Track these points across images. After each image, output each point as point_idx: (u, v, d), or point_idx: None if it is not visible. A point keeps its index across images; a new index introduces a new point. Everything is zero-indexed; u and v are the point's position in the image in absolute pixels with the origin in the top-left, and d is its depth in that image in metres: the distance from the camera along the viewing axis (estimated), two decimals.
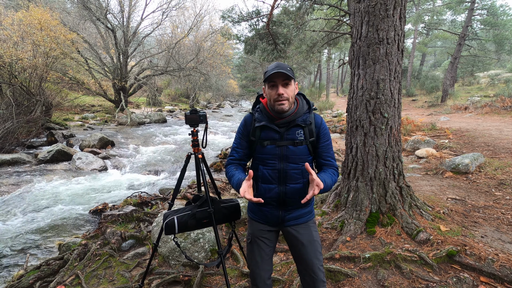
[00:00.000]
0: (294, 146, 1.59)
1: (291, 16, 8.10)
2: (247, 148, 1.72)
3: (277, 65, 1.51)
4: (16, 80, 10.68)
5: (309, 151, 1.64)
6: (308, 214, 1.73)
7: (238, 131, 1.75)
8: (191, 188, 5.26)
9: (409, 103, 20.11)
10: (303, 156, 1.61)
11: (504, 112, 11.41)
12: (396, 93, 3.14)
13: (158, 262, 2.96)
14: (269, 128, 1.61)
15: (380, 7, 2.93)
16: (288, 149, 1.59)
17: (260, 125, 1.62)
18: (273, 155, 1.61)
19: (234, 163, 1.74)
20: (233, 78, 40.07)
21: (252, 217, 1.80)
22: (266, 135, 1.62)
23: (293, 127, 1.60)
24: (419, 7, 20.61)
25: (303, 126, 1.60)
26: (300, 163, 1.60)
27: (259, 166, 1.66)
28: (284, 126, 1.60)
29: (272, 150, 1.60)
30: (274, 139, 1.60)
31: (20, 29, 11.41)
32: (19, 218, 4.84)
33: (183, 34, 21.19)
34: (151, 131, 13.43)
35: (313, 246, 1.68)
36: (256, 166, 1.68)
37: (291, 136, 1.60)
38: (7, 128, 8.73)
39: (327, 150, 1.68)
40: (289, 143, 1.59)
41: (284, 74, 1.49)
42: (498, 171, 4.80)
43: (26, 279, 2.78)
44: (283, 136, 1.60)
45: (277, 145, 1.59)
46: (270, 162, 1.62)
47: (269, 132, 1.61)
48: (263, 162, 1.64)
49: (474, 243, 2.72)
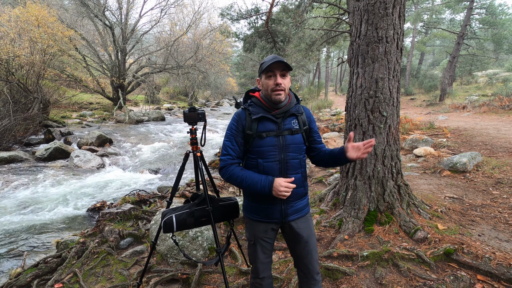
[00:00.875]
0: (292, 135, 1.64)
1: (290, 14, 8.06)
2: (243, 144, 1.65)
3: (275, 57, 1.55)
4: (13, 77, 10.60)
5: (303, 139, 1.70)
6: (306, 207, 1.77)
7: (230, 128, 1.66)
8: (189, 186, 5.25)
9: (407, 102, 20.16)
10: (300, 144, 1.67)
11: (502, 111, 11.46)
12: (395, 91, 3.14)
13: (156, 260, 2.96)
14: (267, 118, 1.61)
15: (380, 6, 2.92)
16: (286, 139, 1.62)
17: (257, 117, 1.60)
18: (273, 146, 1.61)
19: (235, 163, 1.65)
20: (232, 76, 40.01)
21: (252, 218, 1.74)
22: (263, 127, 1.61)
23: (289, 117, 1.65)
24: (418, 6, 20.62)
25: (297, 115, 1.67)
26: (298, 151, 1.66)
27: (258, 160, 1.61)
28: (281, 116, 1.63)
29: (271, 141, 1.61)
30: (272, 130, 1.62)
31: (17, 26, 11.32)
32: (16, 216, 4.82)
33: (181, 32, 21.10)
34: (149, 129, 13.39)
35: (312, 240, 1.74)
36: (255, 162, 1.63)
37: (288, 125, 1.64)
38: (4, 126, 8.67)
39: (318, 136, 1.79)
40: (287, 132, 1.63)
41: (282, 63, 1.53)
42: (496, 170, 4.82)
43: (23, 277, 2.77)
44: (281, 126, 1.62)
45: (277, 134, 1.61)
46: (271, 154, 1.61)
47: (266, 123, 1.62)
48: (263, 155, 1.61)
49: (472, 242, 2.74)
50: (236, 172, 1.61)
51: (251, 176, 1.58)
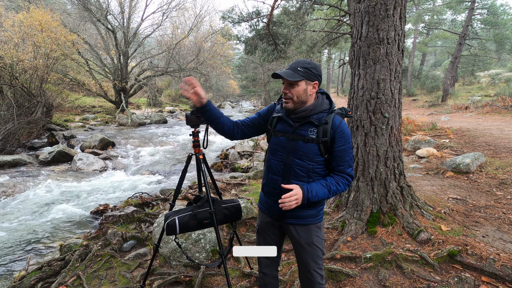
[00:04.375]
0: (304, 142, 1.58)
1: (291, 17, 8.10)
2: (256, 126, 1.80)
3: (289, 65, 1.56)
4: (17, 81, 10.70)
5: (320, 151, 1.58)
6: (312, 217, 1.68)
7: (259, 111, 1.82)
8: (192, 189, 5.26)
9: (409, 103, 20.10)
10: (311, 154, 1.58)
11: (505, 111, 11.39)
12: (397, 93, 3.14)
13: (159, 263, 2.97)
14: (284, 120, 1.65)
15: (380, 7, 2.93)
16: (297, 144, 1.59)
17: (277, 116, 1.68)
18: (282, 147, 1.64)
19: (237, 123, 1.80)
20: (234, 79, 40.08)
21: (260, 208, 1.86)
22: (281, 127, 1.67)
23: (306, 124, 1.59)
24: (419, 7, 20.59)
25: (317, 125, 1.57)
26: (306, 161, 1.58)
27: (269, 155, 1.73)
28: (298, 121, 1.61)
29: (283, 142, 1.64)
30: (287, 132, 1.63)
31: (20, 31, 11.43)
32: (20, 219, 4.85)
33: (183, 35, 21.20)
34: (151, 132, 13.44)
35: (312, 248, 1.68)
36: (268, 156, 1.75)
37: (303, 132, 1.59)
38: (8, 129, 8.74)
39: (342, 155, 1.58)
40: (299, 138, 1.59)
41: (281, 77, 1.51)
42: (499, 171, 4.79)
43: (27, 280, 2.79)
44: (295, 131, 1.61)
45: (288, 138, 1.62)
46: (279, 154, 1.66)
47: (283, 124, 1.66)
48: (273, 152, 1.69)
49: (475, 243, 2.72)
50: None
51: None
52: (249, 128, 1.80)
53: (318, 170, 1.61)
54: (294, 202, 1.47)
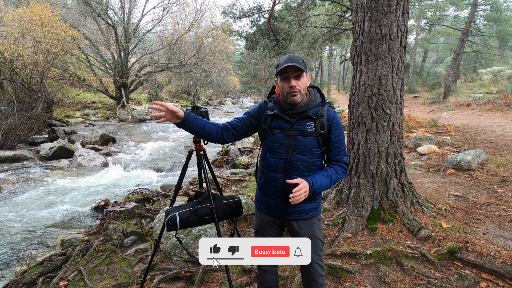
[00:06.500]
0: (303, 136, 1.60)
1: (292, 12, 8.03)
2: (247, 127, 1.75)
3: (289, 58, 1.53)
4: (17, 77, 10.68)
5: (318, 144, 1.63)
6: (313, 211, 1.73)
7: (249, 111, 1.77)
8: (192, 185, 5.26)
9: (411, 99, 20.02)
10: (311, 148, 1.62)
11: (507, 108, 11.34)
12: (399, 89, 3.12)
13: (160, 258, 2.98)
14: (280, 117, 1.64)
15: (383, 2, 2.90)
16: (296, 140, 1.61)
17: (271, 114, 1.66)
18: (281, 144, 1.63)
19: (225, 127, 1.74)
20: (234, 75, 39.92)
21: (258, 207, 1.84)
22: (277, 124, 1.65)
23: (304, 119, 1.61)
24: (421, 3, 20.43)
25: (314, 118, 1.60)
26: (307, 155, 1.62)
27: (267, 154, 1.69)
28: (295, 117, 1.61)
29: (281, 139, 1.63)
30: (284, 129, 1.63)
31: (20, 26, 11.37)
32: (21, 214, 4.86)
33: (184, 30, 21.07)
34: (152, 127, 13.44)
35: (314, 242, 1.70)
36: (264, 154, 1.72)
37: (301, 127, 1.61)
38: (9, 125, 8.74)
39: (338, 145, 1.66)
40: (298, 134, 1.60)
41: (295, 67, 1.50)
42: (500, 168, 4.78)
43: (29, 275, 2.80)
44: (293, 126, 1.61)
45: (286, 134, 1.61)
46: (278, 151, 1.64)
47: (279, 121, 1.64)
48: (271, 150, 1.67)
49: (476, 240, 2.72)
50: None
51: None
52: (240, 130, 1.76)
53: (317, 163, 1.66)
54: (303, 195, 1.49)
